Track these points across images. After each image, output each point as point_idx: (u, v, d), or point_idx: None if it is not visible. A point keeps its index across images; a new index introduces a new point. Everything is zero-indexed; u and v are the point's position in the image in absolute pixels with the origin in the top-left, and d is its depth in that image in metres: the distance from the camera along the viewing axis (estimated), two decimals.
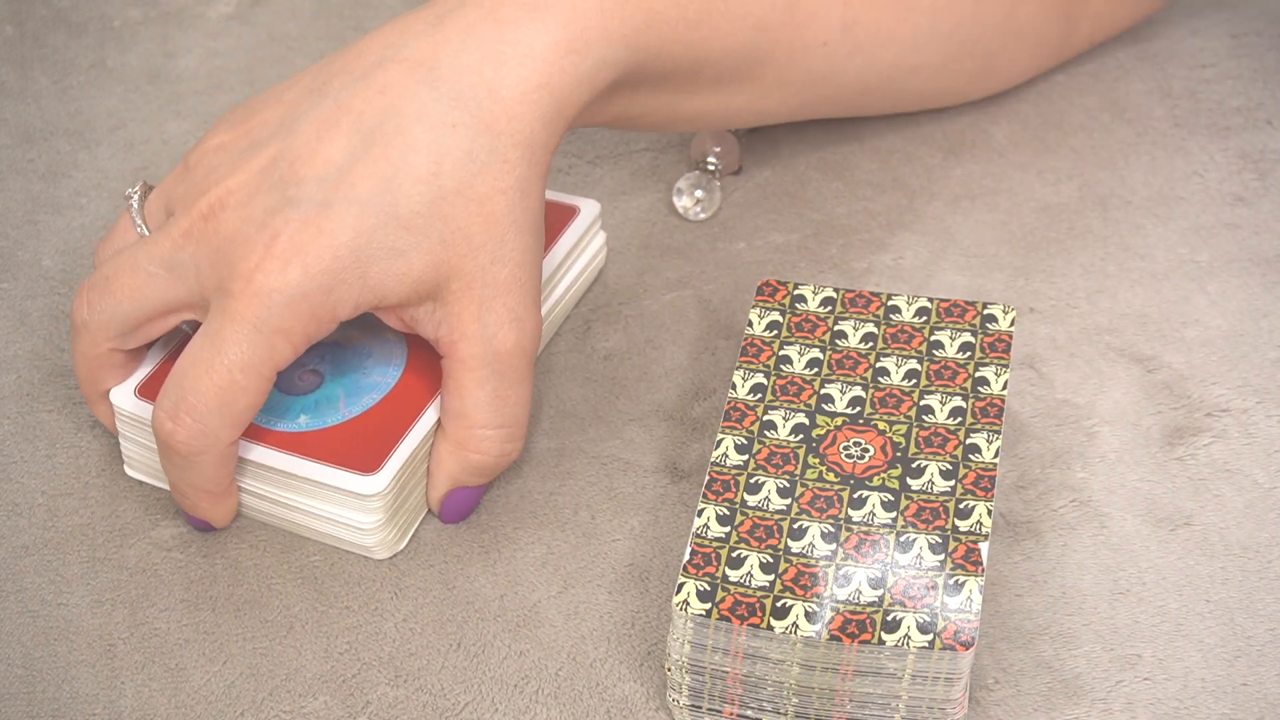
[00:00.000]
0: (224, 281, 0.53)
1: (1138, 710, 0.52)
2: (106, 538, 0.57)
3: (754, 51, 0.60)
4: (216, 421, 0.53)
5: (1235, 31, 0.75)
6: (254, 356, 0.52)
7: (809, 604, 0.49)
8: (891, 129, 0.71)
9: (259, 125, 0.56)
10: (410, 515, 0.57)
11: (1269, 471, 0.58)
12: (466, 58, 0.54)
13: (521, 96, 0.54)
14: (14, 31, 0.78)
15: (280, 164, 0.54)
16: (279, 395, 0.57)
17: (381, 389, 0.57)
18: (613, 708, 0.53)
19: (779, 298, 0.58)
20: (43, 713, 0.53)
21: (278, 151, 0.54)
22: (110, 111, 0.74)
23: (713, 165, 0.67)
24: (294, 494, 0.56)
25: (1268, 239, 0.66)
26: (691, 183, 0.65)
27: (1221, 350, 0.62)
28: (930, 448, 0.53)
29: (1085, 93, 0.73)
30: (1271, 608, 0.54)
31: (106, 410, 0.58)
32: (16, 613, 0.55)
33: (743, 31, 0.60)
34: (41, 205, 0.70)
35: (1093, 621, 0.54)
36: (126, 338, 0.56)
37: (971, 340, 0.56)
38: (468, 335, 0.55)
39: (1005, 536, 0.57)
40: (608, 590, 0.56)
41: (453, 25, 0.55)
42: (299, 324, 0.53)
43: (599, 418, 0.61)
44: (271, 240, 0.52)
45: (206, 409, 0.53)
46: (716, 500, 0.52)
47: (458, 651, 0.54)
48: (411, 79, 0.54)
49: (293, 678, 0.54)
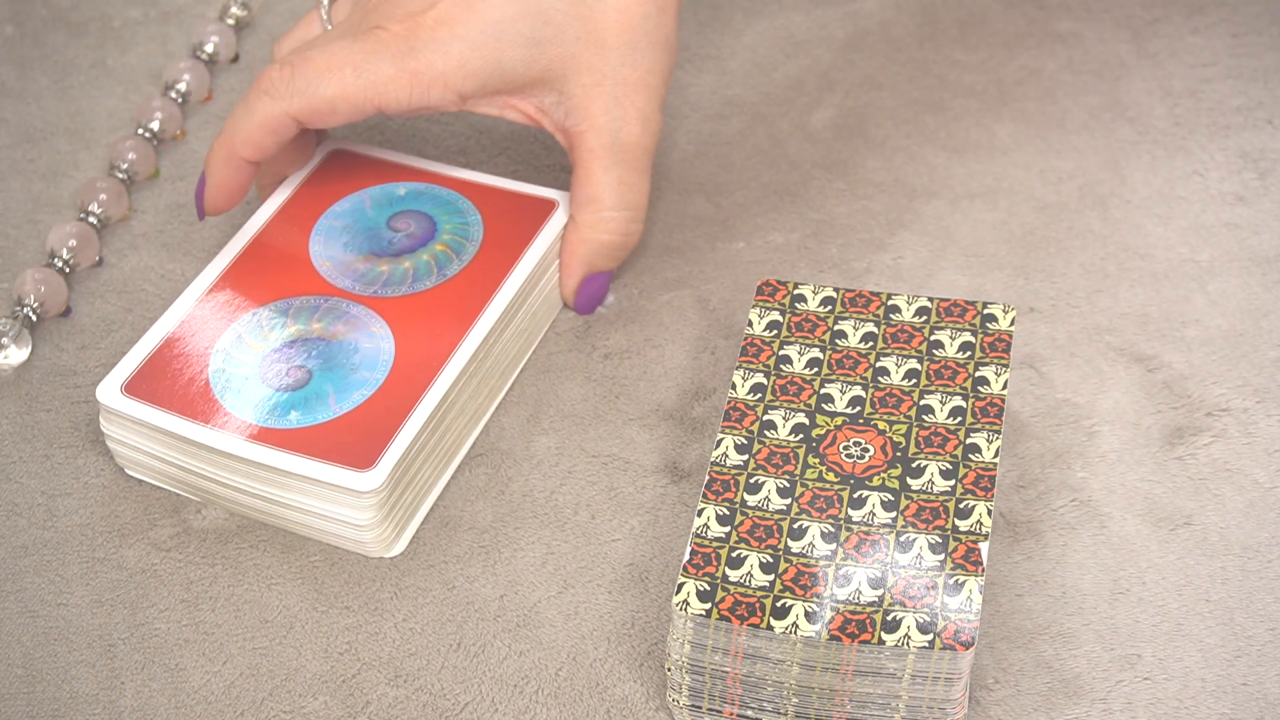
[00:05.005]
0: (385, 21, 0.60)
1: (1138, 710, 0.52)
2: (106, 538, 0.57)
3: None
4: (303, 87, 0.60)
5: (1236, 31, 0.75)
6: (376, 75, 0.59)
7: (809, 604, 0.49)
8: (895, 127, 0.71)
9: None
10: (407, 513, 0.57)
11: (1269, 471, 0.58)
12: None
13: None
14: (14, 31, 0.78)
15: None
16: (268, 391, 0.57)
17: (371, 385, 0.57)
18: (613, 708, 0.53)
19: (779, 298, 0.58)
20: (43, 713, 0.53)
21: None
22: (110, 111, 0.74)
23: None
24: (289, 492, 0.56)
25: (1268, 239, 0.66)
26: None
27: (1221, 350, 0.62)
28: (930, 447, 0.53)
29: (1087, 92, 0.73)
30: (1271, 608, 0.54)
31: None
32: (16, 613, 0.55)
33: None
34: (42, 205, 0.70)
35: (1093, 621, 0.54)
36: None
37: (971, 340, 0.56)
38: (596, 126, 0.61)
39: (1005, 536, 0.57)
40: (608, 590, 0.56)
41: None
42: (429, 75, 0.59)
43: (599, 418, 0.61)
44: (430, 6, 0.60)
45: (305, 71, 0.60)
46: (716, 500, 0.52)
47: (458, 651, 0.54)
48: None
49: (293, 678, 0.54)
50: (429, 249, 0.62)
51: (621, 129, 0.61)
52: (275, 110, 0.60)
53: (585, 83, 0.61)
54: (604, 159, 0.62)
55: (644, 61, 0.61)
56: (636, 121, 0.61)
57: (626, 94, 0.61)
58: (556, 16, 0.60)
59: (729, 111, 0.73)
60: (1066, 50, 0.75)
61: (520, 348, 0.63)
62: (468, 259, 0.62)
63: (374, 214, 0.64)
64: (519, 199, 0.64)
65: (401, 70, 0.60)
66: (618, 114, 0.61)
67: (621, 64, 0.61)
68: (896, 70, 0.74)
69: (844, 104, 0.73)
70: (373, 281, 0.61)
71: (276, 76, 0.60)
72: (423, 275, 0.61)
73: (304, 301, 0.60)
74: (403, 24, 0.60)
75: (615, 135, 0.61)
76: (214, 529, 0.58)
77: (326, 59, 0.60)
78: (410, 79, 0.60)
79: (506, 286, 0.61)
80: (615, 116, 0.61)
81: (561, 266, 0.64)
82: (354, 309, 0.60)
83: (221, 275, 0.61)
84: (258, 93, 0.61)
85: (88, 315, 0.65)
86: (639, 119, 0.62)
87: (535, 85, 0.61)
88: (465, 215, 0.64)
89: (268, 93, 0.60)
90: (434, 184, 0.65)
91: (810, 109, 0.73)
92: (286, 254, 0.62)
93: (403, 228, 0.63)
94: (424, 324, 0.59)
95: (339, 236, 0.63)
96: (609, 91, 0.61)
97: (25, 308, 0.64)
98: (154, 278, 0.66)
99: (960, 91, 0.73)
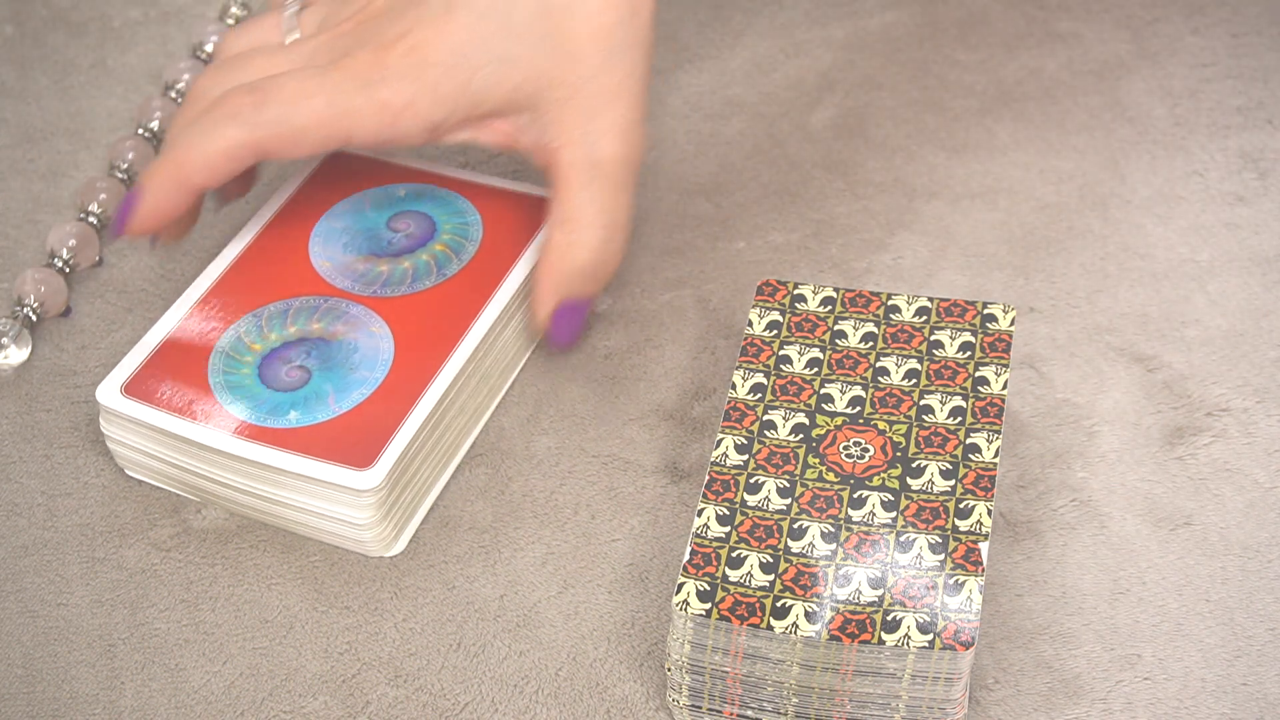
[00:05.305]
0: (353, 51, 0.58)
1: (1138, 710, 0.52)
2: (105, 538, 0.57)
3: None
4: (274, 116, 0.57)
5: (1236, 31, 0.75)
6: (348, 105, 0.57)
7: (809, 604, 0.49)
8: (895, 127, 0.71)
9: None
10: (406, 513, 0.57)
11: (1269, 471, 0.58)
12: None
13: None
14: (14, 31, 0.78)
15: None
16: (267, 392, 0.57)
17: (370, 384, 0.57)
18: (613, 708, 0.53)
19: (779, 297, 0.58)
20: (43, 713, 0.53)
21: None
22: (110, 111, 0.74)
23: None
24: (288, 491, 0.56)
25: (1268, 238, 0.66)
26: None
27: (1221, 350, 0.62)
28: (930, 447, 0.53)
29: (1087, 92, 0.73)
30: (1271, 608, 0.54)
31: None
32: (16, 613, 0.55)
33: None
34: (42, 205, 0.70)
35: (1093, 621, 0.54)
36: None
37: (971, 340, 0.56)
38: (571, 141, 0.58)
39: (1005, 536, 0.57)
40: (608, 590, 0.56)
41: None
42: (398, 104, 0.57)
43: (599, 418, 0.61)
44: (401, 35, 0.57)
45: (278, 98, 0.57)
46: (716, 500, 0.52)
47: (458, 651, 0.54)
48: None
49: (293, 678, 0.54)
50: (428, 249, 0.62)
51: (598, 143, 0.58)
52: (240, 137, 0.57)
53: (558, 97, 0.58)
54: (580, 175, 0.58)
55: (619, 70, 0.58)
56: (614, 134, 0.58)
57: (603, 106, 0.58)
58: (526, 31, 0.57)
59: (729, 111, 0.73)
60: (1066, 50, 0.75)
61: (520, 347, 0.63)
62: (467, 259, 0.62)
63: (374, 215, 0.64)
64: (519, 199, 0.64)
65: (371, 99, 0.57)
66: (594, 127, 0.58)
67: (596, 74, 0.57)
68: (896, 70, 0.74)
69: (844, 104, 0.73)
70: (372, 282, 0.61)
71: (244, 102, 0.57)
72: (422, 275, 0.61)
73: (304, 302, 0.60)
74: (374, 52, 0.57)
75: (591, 150, 0.58)
76: (214, 529, 0.58)
77: (297, 87, 0.57)
78: (380, 108, 0.57)
79: (506, 286, 0.61)
80: (591, 130, 0.58)
81: (534, 294, 0.59)
82: (353, 309, 0.60)
83: (221, 276, 0.61)
84: (222, 116, 0.57)
85: (88, 315, 0.65)
86: (617, 131, 0.58)
87: (507, 105, 0.58)
88: (465, 215, 0.64)
89: (234, 119, 0.57)
90: (434, 184, 0.65)
91: (810, 109, 0.73)
92: (286, 255, 0.62)
93: (402, 228, 0.63)
94: (423, 324, 0.59)
95: (339, 237, 0.63)
96: (584, 104, 0.58)
97: (25, 308, 0.64)
98: (154, 278, 0.66)
99: (960, 91, 0.73)
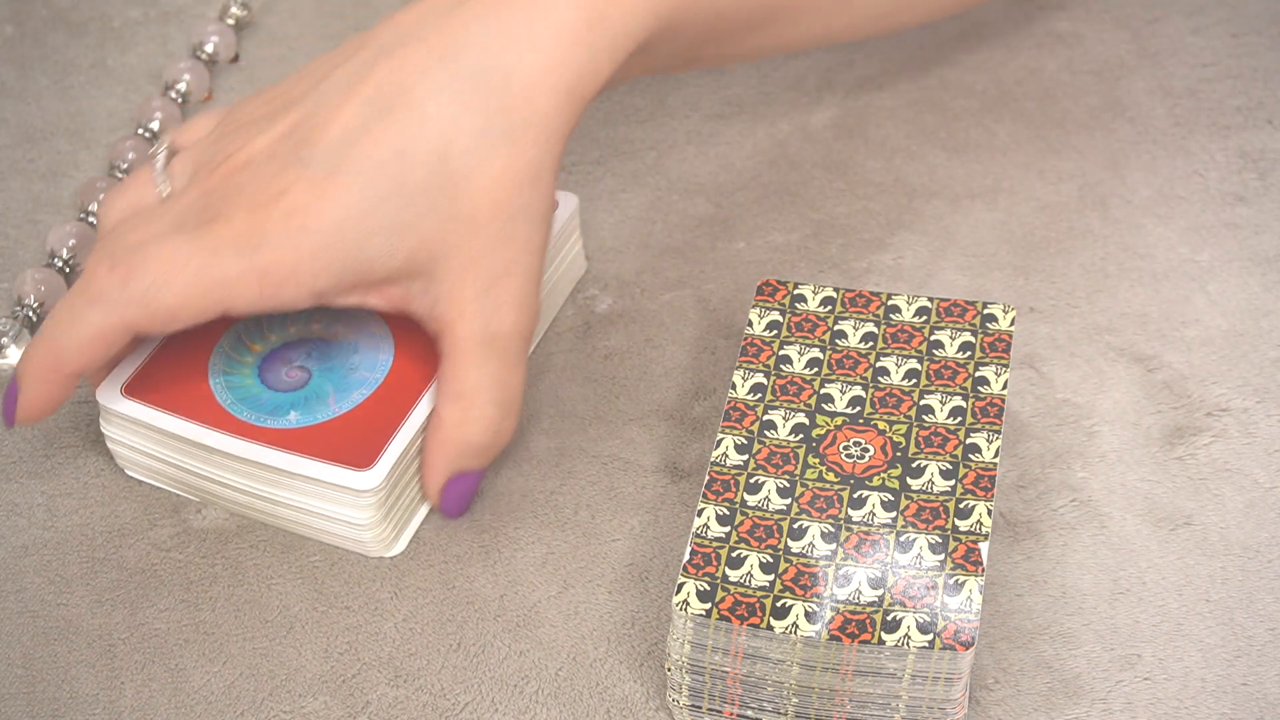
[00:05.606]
0: (230, 210, 0.54)
1: (1138, 710, 0.52)
2: (106, 538, 0.57)
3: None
4: (140, 293, 0.53)
5: (1236, 31, 0.75)
6: (222, 275, 0.53)
7: (809, 604, 0.49)
8: (895, 127, 0.71)
9: (292, 94, 0.57)
10: (406, 513, 0.57)
11: (1269, 471, 0.58)
12: (485, 38, 0.54)
13: (538, 79, 0.54)
14: (14, 31, 0.78)
15: (301, 128, 0.55)
16: (267, 392, 0.57)
17: (370, 384, 0.57)
18: (613, 708, 0.53)
19: (779, 297, 0.58)
20: (43, 713, 0.53)
21: (301, 117, 0.55)
22: (110, 111, 0.74)
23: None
24: (288, 491, 0.56)
25: (1268, 239, 0.66)
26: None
27: (1221, 350, 0.62)
28: (930, 447, 0.53)
29: (1087, 92, 0.73)
30: (1271, 608, 0.54)
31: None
32: (16, 613, 0.55)
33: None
34: (42, 205, 0.70)
35: (1093, 621, 0.54)
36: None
37: (971, 340, 0.56)
38: (466, 314, 0.54)
39: (1005, 536, 0.57)
40: (608, 590, 0.56)
41: (475, 4, 0.55)
42: (279, 273, 0.53)
43: (599, 418, 0.61)
44: (279, 195, 0.53)
45: (144, 273, 0.53)
46: (716, 500, 0.52)
47: (458, 651, 0.54)
48: (431, 56, 0.54)
49: (293, 678, 0.54)
50: None
51: (494, 317, 0.54)
52: (109, 321, 0.53)
53: (454, 267, 0.54)
54: (476, 352, 0.55)
55: (518, 239, 0.54)
56: (511, 308, 0.55)
57: (500, 277, 0.54)
58: (421, 197, 0.53)
59: (729, 111, 0.73)
60: (1066, 50, 0.75)
61: None
62: None
63: None
64: None
65: (250, 268, 0.53)
66: (489, 301, 0.54)
67: (494, 244, 0.54)
68: (896, 70, 0.74)
69: (844, 104, 0.73)
70: None
71: (106, 282, 0.53)
72: None
73: None
74: (249, 215, 0.53)
75: (487, 325, 0.54)
76: (214, 529, 0.58)
77: (164, 259, 0.53)
78: (259, 278, 0.53)
79: None
80: (487, 304, 0.54)
81: (424, 465, 0.56)
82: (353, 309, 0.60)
83: None
84: (86, 300, 0.53)
85: None
86: (513, 305, 0.55)
87: (400, 272, 0.54)
88: None
89: (98, 301, 0.53)
90: None
91: (810, 109, 0.73)
92: None
93: None
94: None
95: None
96: (481, 275, 0.54)
97: (25, 308, 0.64)
98: None
99: (960, 91, 0.73)
